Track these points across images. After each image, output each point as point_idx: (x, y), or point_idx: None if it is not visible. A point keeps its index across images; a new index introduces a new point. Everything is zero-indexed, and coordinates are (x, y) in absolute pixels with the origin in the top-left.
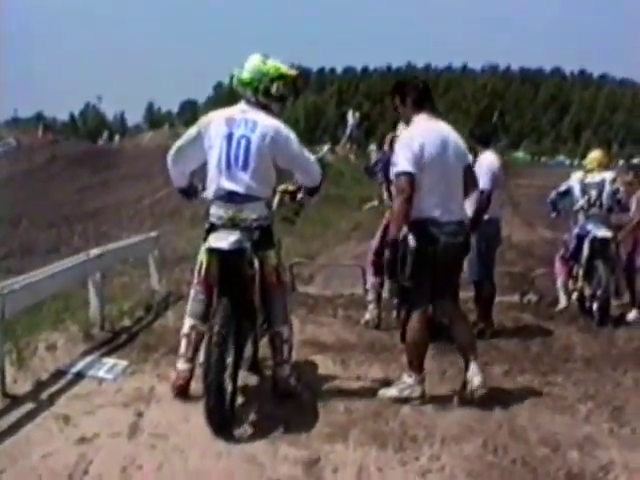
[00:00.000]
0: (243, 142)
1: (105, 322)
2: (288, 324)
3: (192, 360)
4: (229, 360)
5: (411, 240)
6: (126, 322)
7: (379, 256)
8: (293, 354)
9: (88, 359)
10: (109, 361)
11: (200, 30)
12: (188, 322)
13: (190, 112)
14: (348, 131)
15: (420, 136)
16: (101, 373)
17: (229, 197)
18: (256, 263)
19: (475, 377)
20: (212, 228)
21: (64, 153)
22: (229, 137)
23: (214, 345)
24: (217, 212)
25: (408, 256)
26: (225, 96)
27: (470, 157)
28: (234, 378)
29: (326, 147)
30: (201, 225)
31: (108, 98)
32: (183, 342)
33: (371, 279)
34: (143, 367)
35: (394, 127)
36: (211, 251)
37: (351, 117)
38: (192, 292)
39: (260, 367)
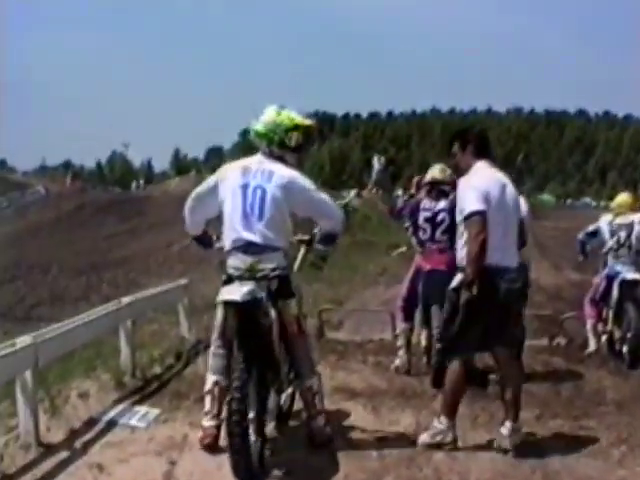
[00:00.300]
0: (259, 192)
1: (136, 370)
2: (316, 375)
3: (218, 416)
4: (252, 415)
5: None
6: (157, 370)
7: (408, 302)
8: (325, 402)
9: (120, 407)
10: (141, 409)
11: (227, 75)
12: (210, 378)
13: (216, 158)
14: (374, 176)
15: (484, 182)
16: (133, 421)
17: (247, 247)
18: (273, 312)
19: (504, 440)
20: (229, 280)
21: (92, 200)
22: (245, 187)
23: (234, 402)
24: (234, 263)
25: (463, 301)
26: (251, 142)
27: (524, 210)
28: (260, 431)
29: (353, 192)
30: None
31: (135, 145)
32: (207, 399)
33: (401, 325)
34: (175, 415)
35: (421, 171)
36: (225, 304)
37: (377, 162)
38: (212, 347)
39: (290, 414)
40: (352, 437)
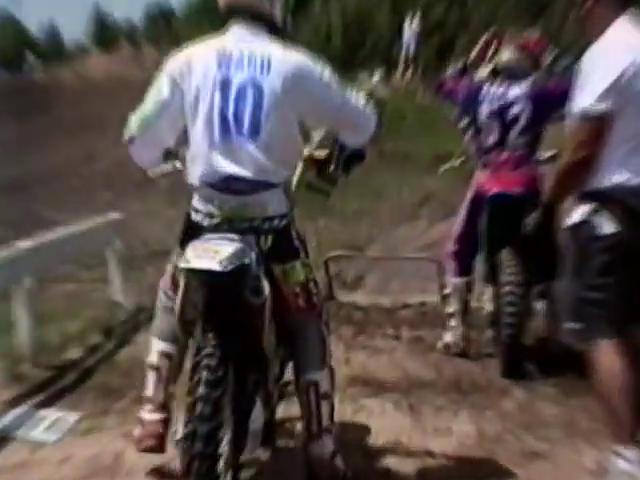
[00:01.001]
0: (250, 93)
1: (40, 354)
2: (327, 369)
3: (165, 407)
4: (224, 438)
5: (602, 222)
6: (73, 353)
7: (464, 245)
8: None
9: (17, 411)
10: (49, 414)
11: None
12: (156, 347)
13: (162, 23)
14: (408, 48)
15: (623, 58)
16: (37, 433)
17: (226, 184)
18: (266, 286)
19: None
20: (194, 230)
21: None
22: (224, 85)
23: (199, 417)
24: (205, 207)
25: (593, 249)
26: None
27: None
28: (234, 465)
29: (377, 74)
30: (184, 201)
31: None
32: (150, 378)
33: (453, 280)
34: (103, 422)
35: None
36: (192, 273)
37: (409, 25)
38: (160, 298)
39: (277, 436)
40: (379, 457)
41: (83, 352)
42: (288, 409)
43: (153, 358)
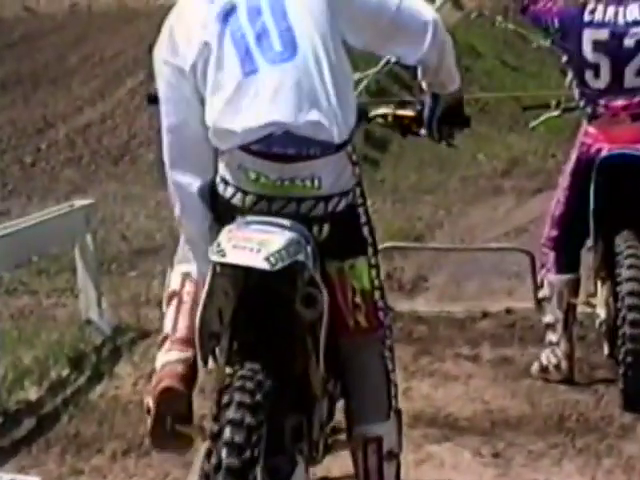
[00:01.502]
0: (266, 5)
1: None
2: (394, 416)
3: (188, 343)
4: None
5: None
6: (31, 393)
7: (567, 230)
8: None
9: None
10: None
11: None
12: (176, 271)
13: None
14: None
15: None
16: None
17: (265, 143)
18: (324, 295)
19: None
20: (224, 209)
21: None
22: (228, 14)
23: (223, 473)
24: (235, 178)
25: None
26: None
27: None
28: None
29: None
30: None
31: None
32: (168, 310)
33: (552, 277)
34: None
35: None
36: (224, 268)
37: None
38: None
39: None
40: None
41: (44, 390)
42: (335, 464)
43: (173, 284)
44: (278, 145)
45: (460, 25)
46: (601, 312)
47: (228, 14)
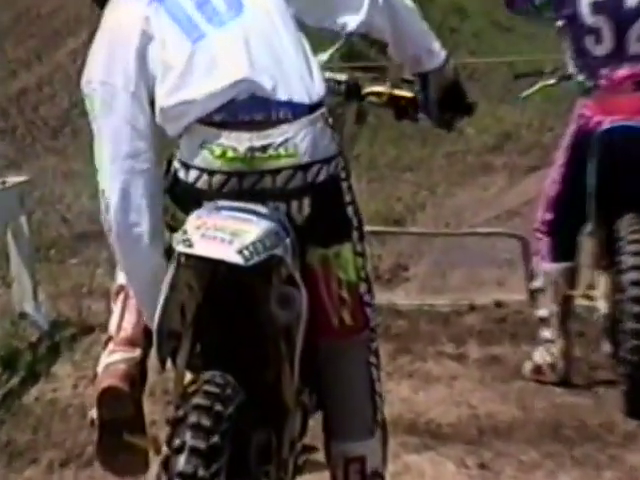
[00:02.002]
0: None
1: None
2: (379, 431)
3: (134, 343)
4: None
5: None
6: None
7: (563, 213)
8: None
9: None
10: None
11: None
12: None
13: None
14: None
15: None
16: None
17: (228, 112)
18: (302, 294)
19: None
20: (186, 196)
21: None
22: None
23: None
24: (198, 158)
25: None
26: None
27: None
28: None
29: None
30: None
31: None
32: (114, 308)
33: (547, 266)
34: None
35: None
36: (191, 260)
37: None
38: None
39: None
40: None
41: None
42: None
43: (120, 277)
44: (243, 111)
45: None
46: (601, 305)
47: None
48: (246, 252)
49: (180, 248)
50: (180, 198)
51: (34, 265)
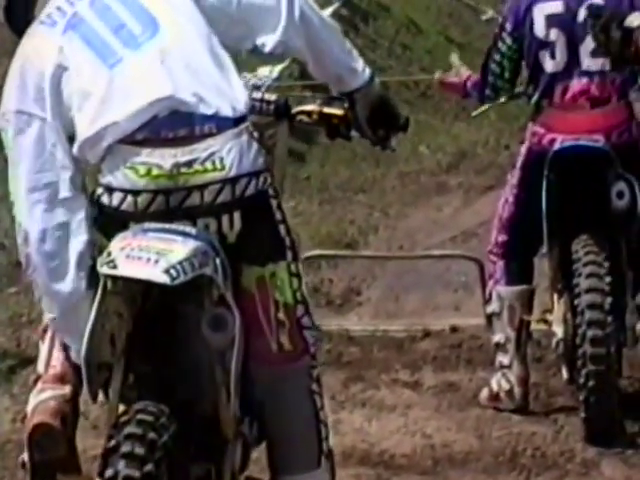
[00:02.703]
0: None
1: None
2: (325, 462)
3: (64, 379)
4: None
5: None
6: None
7: (518, 233)
8: None
9: None
10: None
11: None
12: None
13: None
14: None
15: None
16: None
17: (150, 129)
18: (235, 315)
19: None
20: (110, 222)
21: None
22: (73, 26)
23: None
24: (121, 179)
25: None
26: None
27: None
28: None
29: None
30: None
31: None
32: (42, 346)
33: (502, 289)
34: None
35: None
36: (116, 282)
37: None
38: None
39: None
40: None
41: None
42: None
43: (47, 314)
44: (166, 128)
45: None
46: (558, 330)
47: (74, 25)
48: (173, 271)
49: (104, 270)
50: (105, 226)
51: None
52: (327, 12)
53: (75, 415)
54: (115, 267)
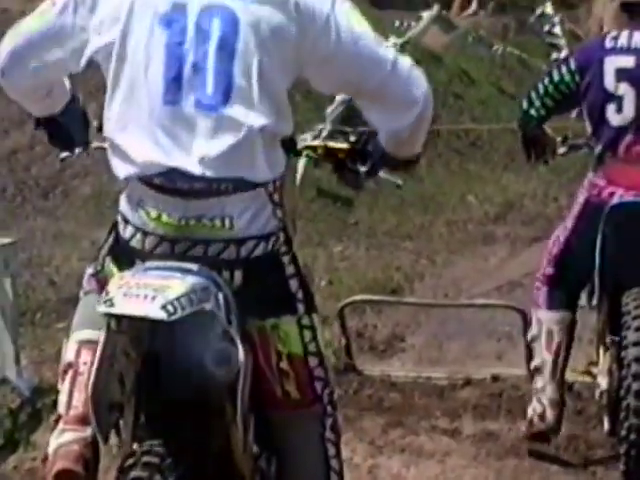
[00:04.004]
0: (216, 25)
1: None
2: None
3: (86, 421)
4: None
5: None
6: None
7: (567, 267)
8: None
9: None
10: None
11: None
12: (72, 340)
13: None
14: None
15: None
16: None
17: (171, 180)
18: (240, 351)
19: None
20: (124, 253)
21: None
22: (176, 10)
23: None
24: (136, 216)
25: None
26: None
27: None
28: None
29: (431, 11)
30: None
31: None
32: (63, 387)
33: (541, 313)
34: None
35: None
36: (116, 321)
37: None
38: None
39: None
40: None
41: None
42: None
43: (68, 355)
44: (183, 180)
45: (451, 47)
46: (602, 382)
47: (178, 10)
48: (170, 307)
49: (102, 309)
50: (118, 257)
51: (17, 329)
52: None
53: (96, 458)
54: (112, 305)
